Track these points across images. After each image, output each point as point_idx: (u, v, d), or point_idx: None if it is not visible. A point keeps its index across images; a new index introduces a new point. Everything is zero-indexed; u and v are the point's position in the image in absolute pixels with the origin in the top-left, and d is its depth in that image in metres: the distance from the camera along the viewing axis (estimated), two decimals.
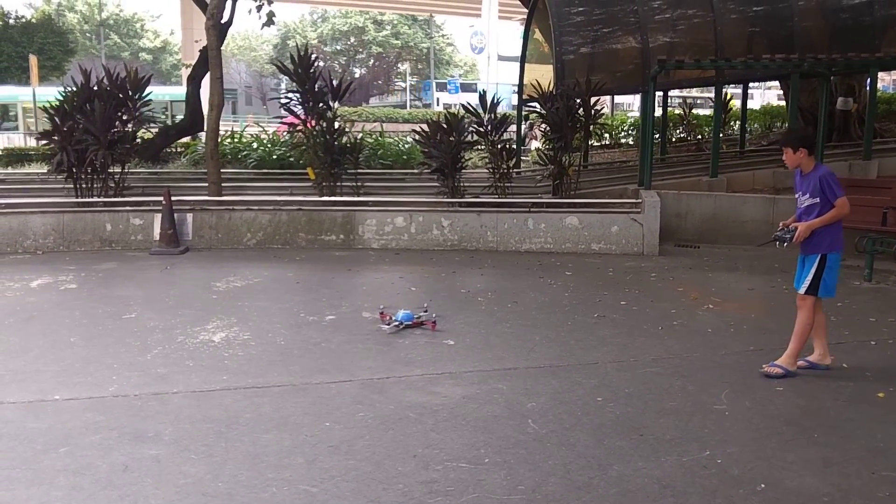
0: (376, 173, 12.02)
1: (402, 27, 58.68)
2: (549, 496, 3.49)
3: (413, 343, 5.73)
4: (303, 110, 10.58)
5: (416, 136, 10.72)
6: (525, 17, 15.45)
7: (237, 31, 58.62)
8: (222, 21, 11.37)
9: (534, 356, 5.47)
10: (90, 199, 9.97)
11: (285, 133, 12.50)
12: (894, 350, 5.75)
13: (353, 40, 59.59)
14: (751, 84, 19.26)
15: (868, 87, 13.58)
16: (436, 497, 3.47)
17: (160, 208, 9.27)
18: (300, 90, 10.56)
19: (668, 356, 5.51)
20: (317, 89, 10.50)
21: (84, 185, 10.09)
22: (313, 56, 10.90)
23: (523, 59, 14.20)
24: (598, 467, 3.77)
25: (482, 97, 10.80)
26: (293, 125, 11.08)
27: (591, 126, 11.17)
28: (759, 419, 4.40)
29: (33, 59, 19.61)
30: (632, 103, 39.55)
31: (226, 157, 12.44)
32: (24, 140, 21.72)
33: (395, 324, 6.02)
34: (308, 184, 10.78)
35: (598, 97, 11.81)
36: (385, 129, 15.02)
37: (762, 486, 3.61)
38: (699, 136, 16.93)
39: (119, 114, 10.14)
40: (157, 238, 9.30)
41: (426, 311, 6.34)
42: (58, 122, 9.91)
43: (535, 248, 9.49)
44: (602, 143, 16.80)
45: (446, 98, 45.21)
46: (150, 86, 10.64)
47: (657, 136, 14.75)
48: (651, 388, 4.86)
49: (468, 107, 10.78)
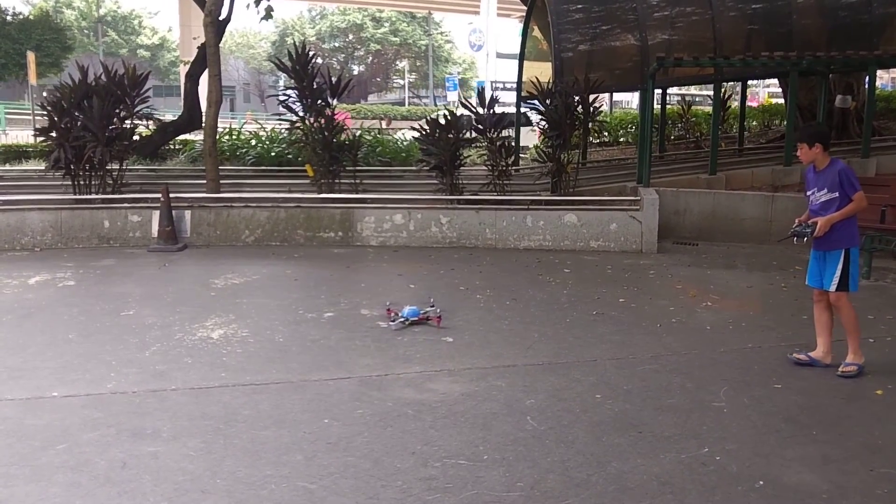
0: (375, 170, 12.01)
1: (401, 24, 58.66)
2: (548, 493, 3.50)
3: (412, 340, 5.73)
4: (301, 107, 10.57)
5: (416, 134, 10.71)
6: (524, 14, 15.43)
7: (235, 28, 58.68)
8: (220, 18, 11.34)
9: (532, 353, 5.47)
10: (88, 196, 9.95)
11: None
12: (892, 347, 5.76)
13: (351, 37, 59.57)
14: (749, 82, 19.26)
15: (866, 85, 13.59)
16: (434, 494, 3.47)
17: (158, 205, 9.24)
18: (298, 87, 10.55)
19: (666, 353, 5.52)
20: (315, 86, 10.48)
21: (82, 182, 10.05)
22: (311, 53, 10.88)
23: (522, 57, 14.21)
24: (597, 464, 3.77)
25: (480, 93, 10.80)
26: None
27: (590, 123, 11.17)
28: (758, 416, 4.40)
29: (31, 56, 19.58)
30: (630, 100, 39.57)
31: (224, 154, 12.42)
32: None
33: (401, 320, 6.01)
34: (306, 181, 10.76)
35: (596, 94, 11.80)
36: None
37: (761, 482, 3.62)
38: (698, 134, 16.93)
39: (117, 110, 10.12)
40: (156, 235, 9.28)
41: (433, 307, 6.29)
42: (55, 118, 9.88)
43: (533, 246, 9.49)
44: (601, 140, 16.81)
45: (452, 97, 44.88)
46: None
47: (656, 133, 14.74)
48: (650, 385, 4.86)
49: (466, 103, 10.76)
